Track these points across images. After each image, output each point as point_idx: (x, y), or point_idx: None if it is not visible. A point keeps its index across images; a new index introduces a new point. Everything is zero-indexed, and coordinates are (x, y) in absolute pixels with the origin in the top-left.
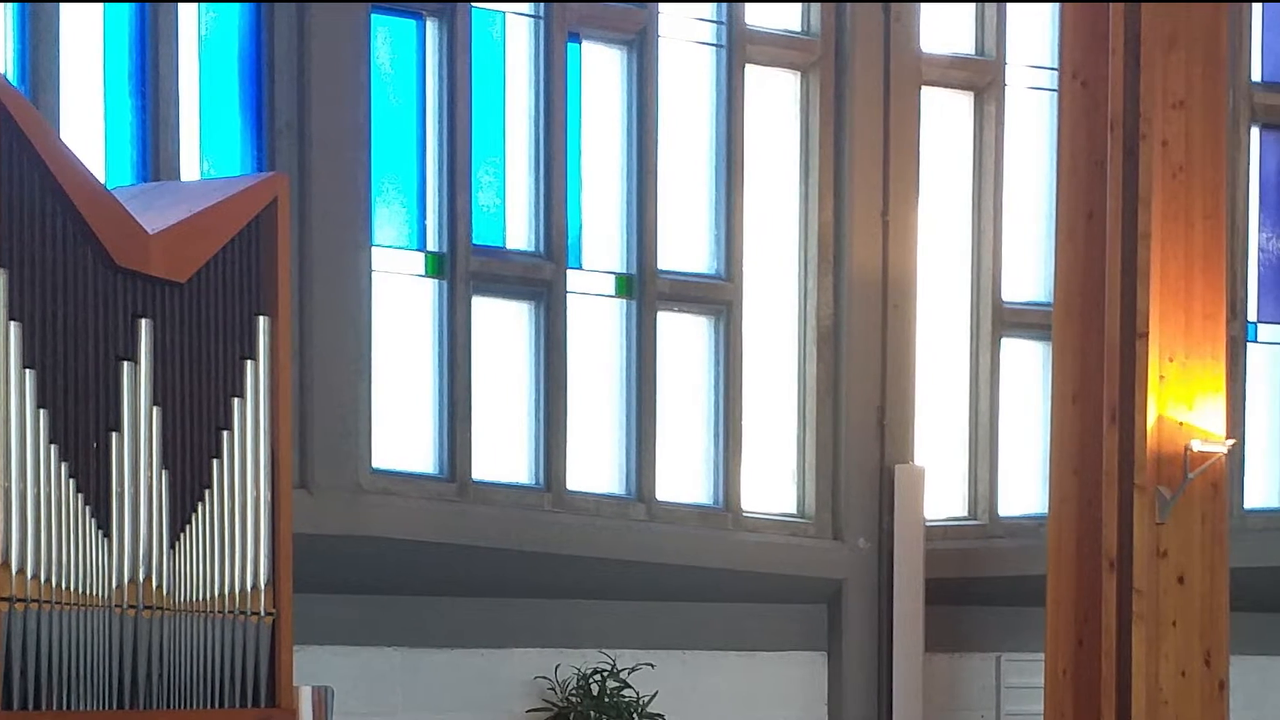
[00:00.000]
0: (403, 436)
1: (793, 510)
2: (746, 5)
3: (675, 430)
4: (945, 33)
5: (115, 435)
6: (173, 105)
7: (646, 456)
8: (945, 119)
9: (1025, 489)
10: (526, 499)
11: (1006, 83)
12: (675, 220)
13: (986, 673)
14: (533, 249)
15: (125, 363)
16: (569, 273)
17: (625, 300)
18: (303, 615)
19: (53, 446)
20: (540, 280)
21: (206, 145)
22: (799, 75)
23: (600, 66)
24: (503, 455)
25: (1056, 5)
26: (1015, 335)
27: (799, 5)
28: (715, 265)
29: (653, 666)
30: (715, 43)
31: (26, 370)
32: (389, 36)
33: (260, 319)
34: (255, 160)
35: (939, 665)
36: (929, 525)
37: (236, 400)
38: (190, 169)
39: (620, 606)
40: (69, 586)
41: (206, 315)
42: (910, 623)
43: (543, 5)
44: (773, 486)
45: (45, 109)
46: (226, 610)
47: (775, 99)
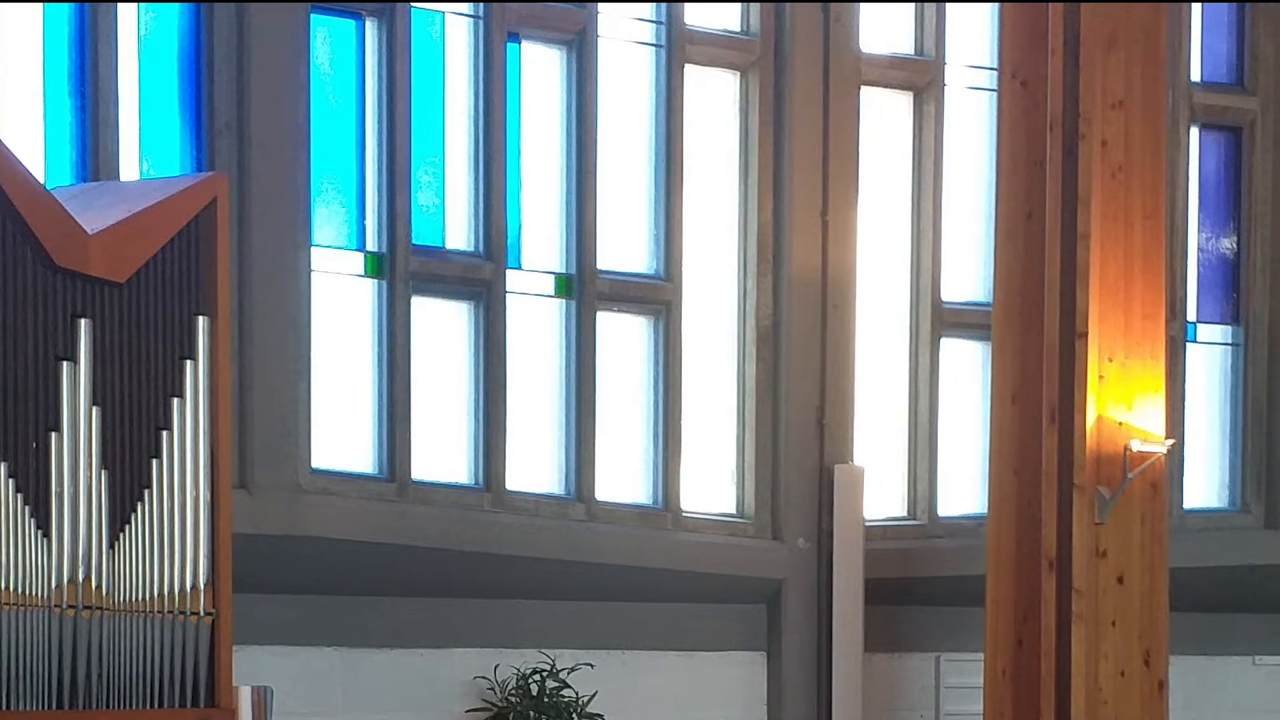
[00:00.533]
0: (342, 436)
1: (732, 510)
2: (686, 5)
3: (615, 430)
4: (885, 33)
5: (55, 435)
6: (112, 105)
7: (586, 456)
8: (885, 119)
9: (965, 489)
10: (466, 499)
11: (946, 83)
12: (615, 220)
13: (926, 673)
14: (472, 249)
15: (65, 363)
16: (508, 273)
17: (565, 300)
18: (242, 615)
19: None
20: (480, 280)
21: (146, 145)
22: (738, 75)
23: (540, 66)
24: (442, 455)
25: (996, 5)
26: (955, 335)
27: (738, 5)
28: (655, 265)
29: (592, 666)
30: (655, 43)
31: None
32: (328, 36)
33: (200, 319)
34: (195, 160)
35: (878, 665)
36: (868, 525)
37: (176, 400)
38: (130, 169)
39: (560, 606)
40: (8, 586)
41: (146, 315)
42: (850, 623)
43: (482, 5)
44: (712, 486)
45: None
46: (166, 610)
47: (715, 99)
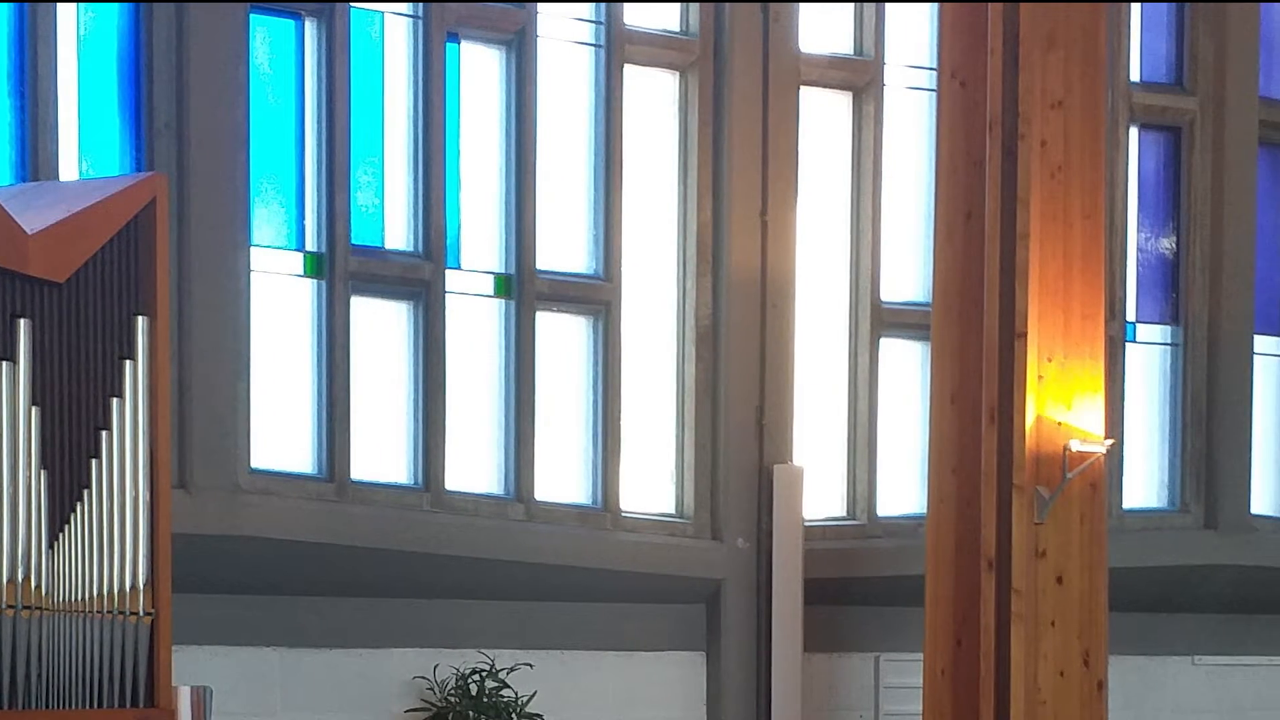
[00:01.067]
0: (281, 436)
1: (671, 510)
2: (625, 5)
3: (554, 430)
4: (824, 33)
5: None
6: (51, 105)
7: (525, 456)
8: (824, 119)
9: (904, 489)
10: (405, 499)
11: (885, 83)
12: (554, 220)
13: (865, 673)
14: (411, 249)
15: (4, 363)
16: (448, 273)
17: (504, 300)
18: (181, 615)
19: None
20: (419, 280)
21: (85, 145)
22: (678, 75)
23: (479, 66)
24: (381, 455)
25: (935, 5)
26: (894, 335)
27: (677, 5)
28: (594, 265)
29: (531, 666)
30: (594, 43)
31: None
32: (268, 36)
33: (139, 319)
34: (134, 160)
35: (818, 665)
36: (808, 525)
37: (115, 400)
38: (69, 169)
39: (499, 606)
40: None
41: (85, 315)
42: (789, 623)
43: (421, 5)
44: (651, 486)
45: None
46: (105, 610)
47: (654, 99)
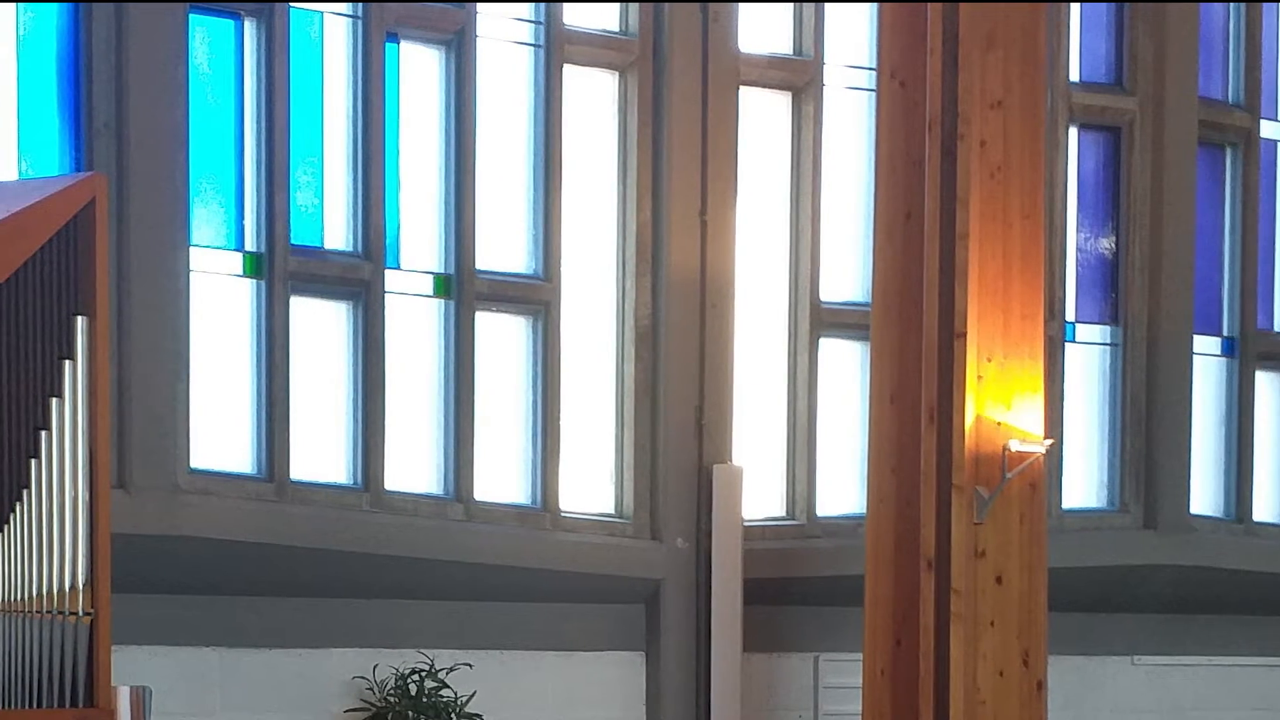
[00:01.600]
0: (221, 436)
1: (611, 510)
2: (564, 5)
3: (493, 430)
4: (763, 33)
5: None
6: None
7: (465, 456)
8: (763, 119)
9: (843, 489)
10: (344, 499)
11: (825, 83)
12: (494, 220)
13: (805, 673)
14: (351, 249)
15: None
16: (387, 273)
17: (443, 300)
18: (121, 615)
19: None
20: (358, 280)
21: (24, 145)
22: (617, 75)
23: (418, 66)
24: (321, 455)
25: (874, 5)
26: (833, 335)
27: (617, 5)
28: (533, 265)
29: (471, 666)
30: (533, 43)
31: None
32: (207, 36)
33: (78, 319)
34: (73, 160)
35: (757, 665)
36: (747, 525)
37: (55, 400)
38: (8, 169)
39: (438, 606)
40: None
41: (24, 315)
42: (728, 623)
43: (361, 5)
44: (591, 486)
45: None
46: (45, 610)
47: (593, 99)
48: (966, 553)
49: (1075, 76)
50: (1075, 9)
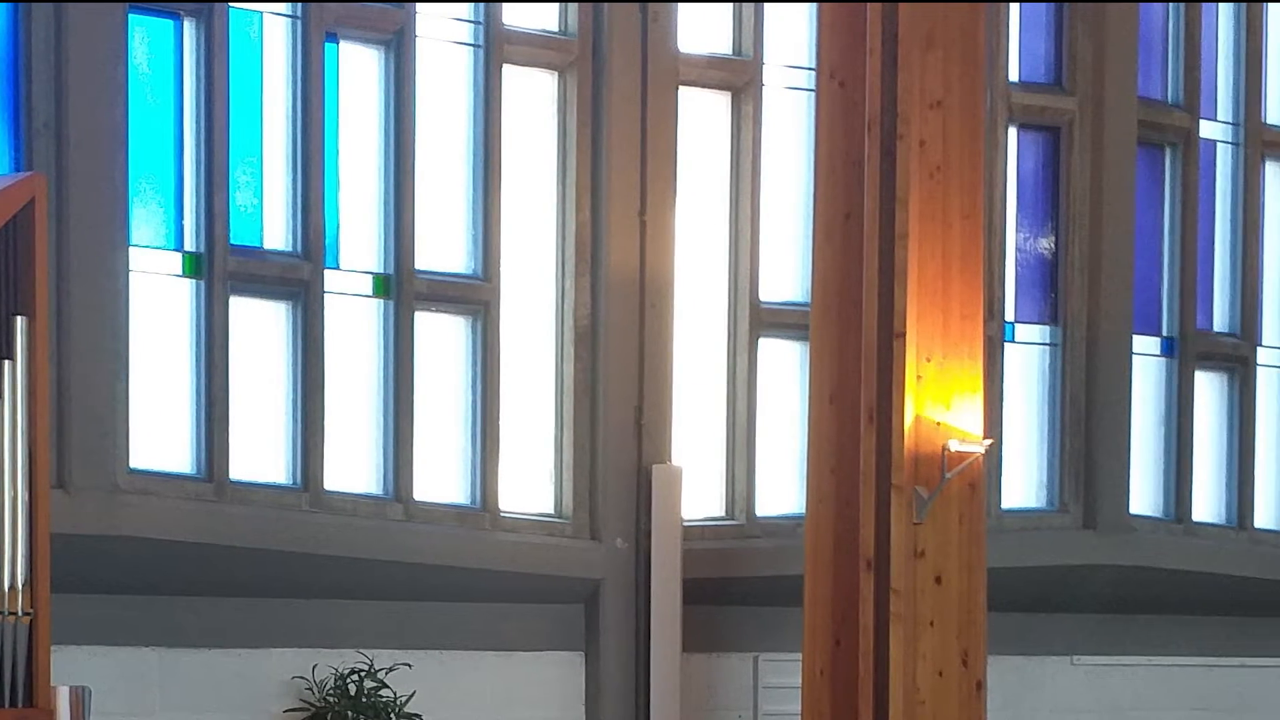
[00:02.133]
0: (160, 436)
1: (550, 510)
2: (504, 5)
3: (433, 430)
4: (703, 32)
5: None
6: None
7: (404, 456)
8: (703, 119)
9: (783, 489)
10: (284, 499)
11: (764, 83)
12: (433, 220)
13: (744, 673)
14: (290, 249)
15: None
16: (326, 273)
17: (383, 300)
18: (60, 615)
19: None
20: (298, 280)
21: None
22: (556, 75)
23: (358, 66)
24: (260, 455)
25: (814, 5)
26: (773, 335)
27: (556, 5)
28: (473, 265)
29: (410, 666)
30: (473, 43)
31: None
32: (146, 36)
33: (18, 319)
34: (12, 160)
35: (696, 665)
36: (686, 525)
37: None
38: None
39: (378, 606)
40: None
41: None
42: (668, 622)
43: (300, 5)
44: (530, 486)
45: None
46: None
47: (533, 99)
48: (906, 553)
49: (1015, 76)
50: (1014, 9)
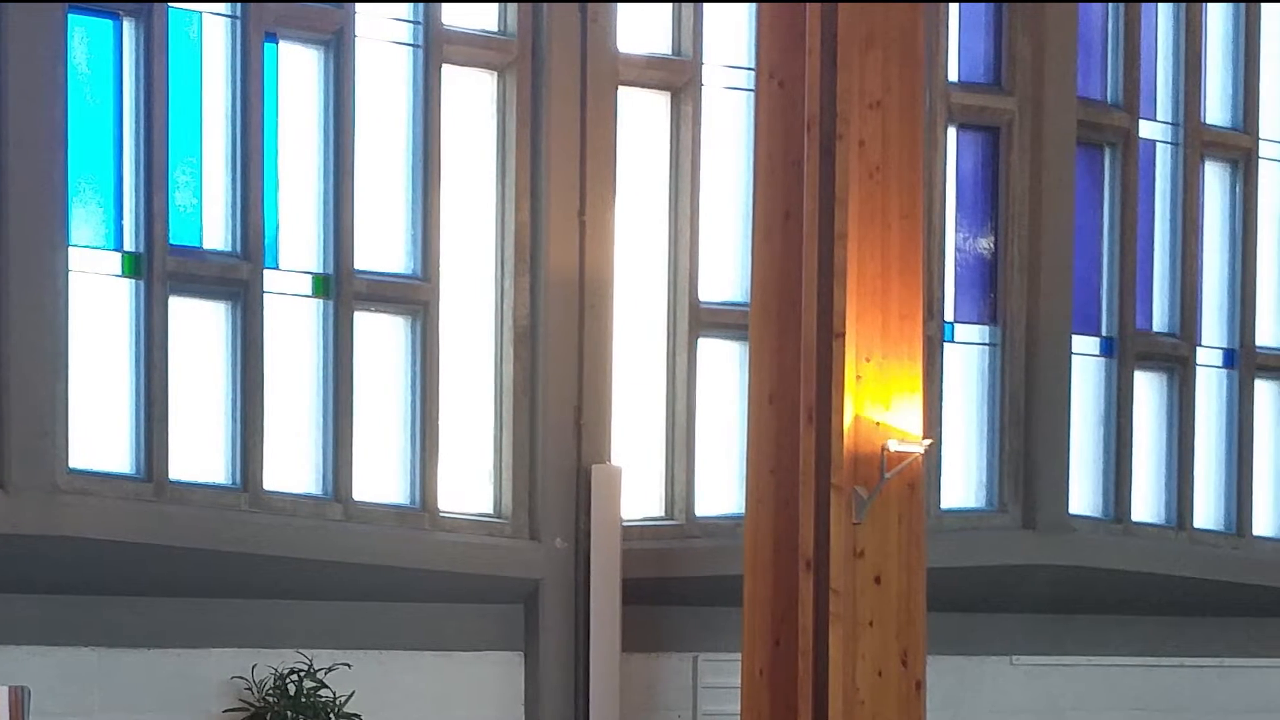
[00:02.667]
0: (100, 436)
1: (489, 510)
2: (443, 5)
3: (372, 430)
4: (642, 33)
5: None
6: None
7: (343, 456)
8: (642, 119)
9: (722, 489)
10: (223, 499)
11: (703, 83)
12: (372, 220)
13: (683, 673)
14: (229, 249)
15: None
16: (266, 273)
17: (322, 300)
18: None
19: None
20: (237, 280)
21: None
22: (496, 75)
23: (297, 66)
24: (200, 455)
25: (753, 5)
26: (712, 335)
27: (495, 5)
28: (412, 265)
29: (349, 666)
30: (412, 43)
31: None
32: (86, 36)
33: None
34: None
35: (636, 665)
36: (626, 525)
37: None
38: None
39: (317, 607)
40: None
41: None
42: (607, 623)
43: (239, 5)
44: (469, 486)
45: None
46: None
47: (472, 99)
48: (845, 553)
49: (954, 76)
50: (954, 9)
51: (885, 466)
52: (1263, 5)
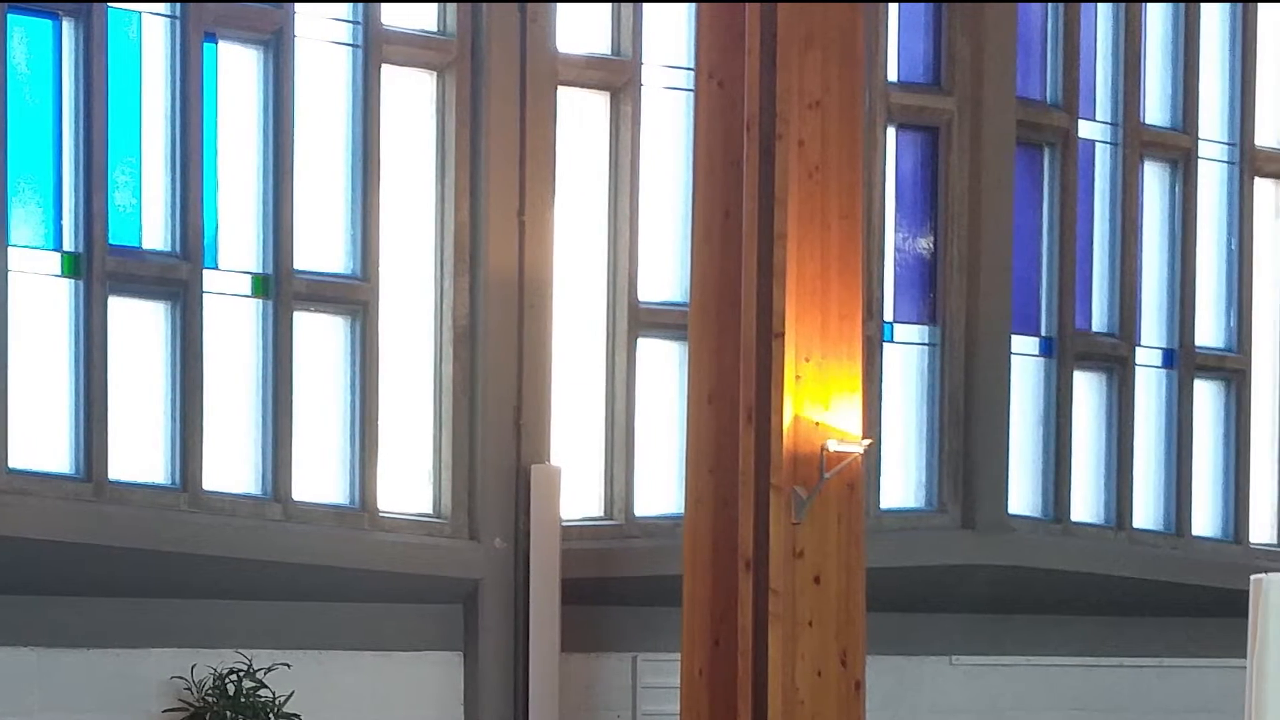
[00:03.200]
0: (39, 436)
1: (429, 510)
2: (382, 5)
3: (312, 430)
4: (581, 33)
5: None
6: None
7: (283, 456)
8: (582, 119)
9: (662, 489)
10: (163, 499)
11: (643, 82)
12: (312, 220)
13: (623, 673)
14: (169, 249)
15: None
16: (205, 273)
17: (262, 300)
18: None
19: None
20: (176, 280)
21: None
22: (435, 75)
23: (237, 66)
24: (139, 455)
25: (692, 5)
26: (652, 335)
27: (435, 6)
28: (352, 265)
29: (289, 666)
30: (351, 43)
31: None
32: (25, 36)
33: None
34: None
35: (575, 665)
36: (565, 525)
37: None
38: None
39: (257, 607)
40: None
41: None
42: (547, 623)
43: (179, 5)
44: (409, 486)
45: None
46: None
47: (412, 99)
48: (784, 553)
49: (893, 76)
50: (893, 9)
51: (825, 466)
52: (1201, 5)
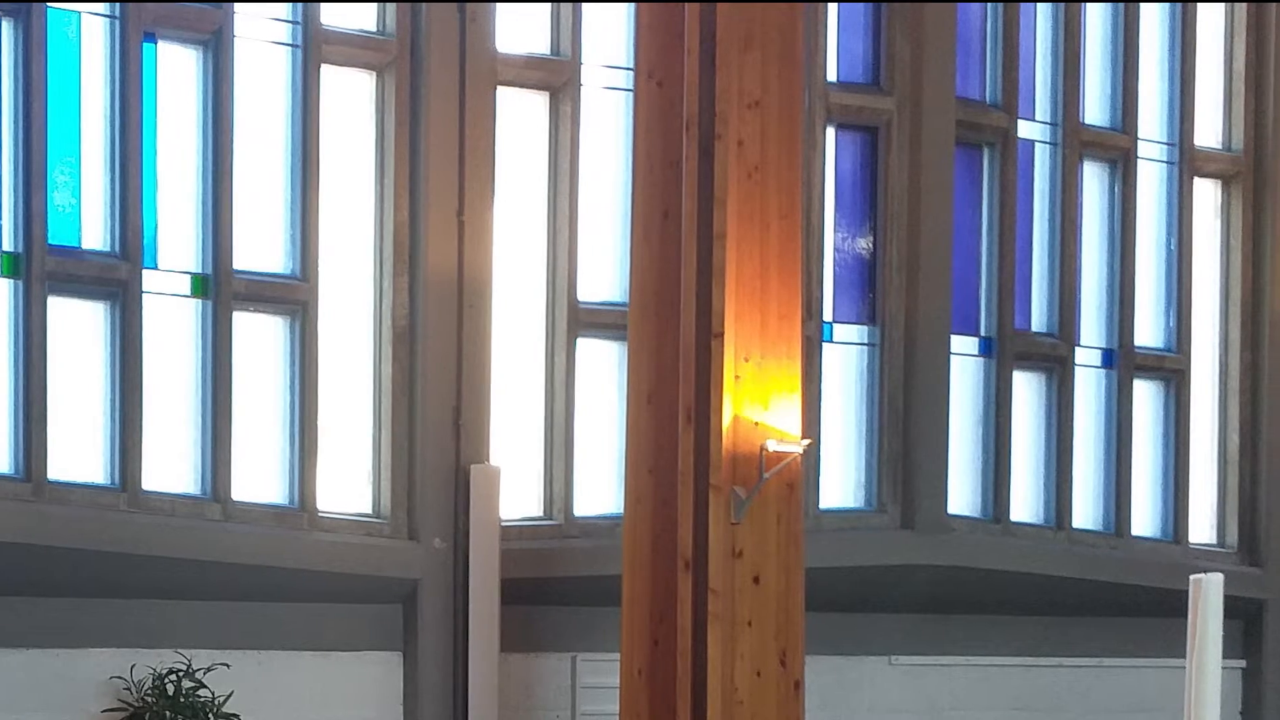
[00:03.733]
0: None
1: (368, 510)
2: (322, 5)
3: (251, 430)
4: (521, 33)
5: None
6: None
7: (222, 456)
8: (521, 119)
9: (601, 489)
10: (102, 499)
11: (582, 82)
12: (251, 220)
13: (562, 673)
14: (108, 249)
15: None
16: (145, 273)
17: (201, 300)
18: None
19: None
20: (116, 280)
21: None
22: (374, 75)
23: (176, 66)
24: (78, 455)
25: (632, 5)
26: (591, 335)
27: (374, 5)
28: (291, 265)
29: (228, 666)
30: (291, 43)
31: None
32: None
33: None
34: None
35: (515, 665)
36: (504, 525)
37: None
38: None
39: (196, 606)
40: None
41: None
42: (486, 623)
43: (118, 5)
44: (348, 486)
45: None
46: None
47: (351, 99)
48: (724, 553)
49: (833, 76)
50: (832, 9)
51: (764, 466)
52: (1140, 6)
